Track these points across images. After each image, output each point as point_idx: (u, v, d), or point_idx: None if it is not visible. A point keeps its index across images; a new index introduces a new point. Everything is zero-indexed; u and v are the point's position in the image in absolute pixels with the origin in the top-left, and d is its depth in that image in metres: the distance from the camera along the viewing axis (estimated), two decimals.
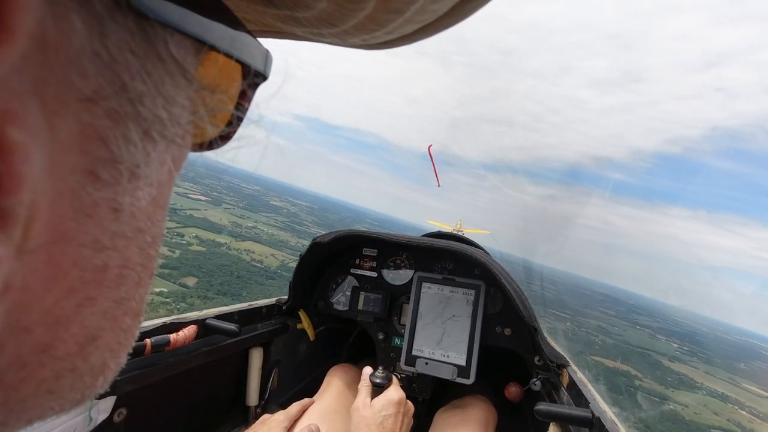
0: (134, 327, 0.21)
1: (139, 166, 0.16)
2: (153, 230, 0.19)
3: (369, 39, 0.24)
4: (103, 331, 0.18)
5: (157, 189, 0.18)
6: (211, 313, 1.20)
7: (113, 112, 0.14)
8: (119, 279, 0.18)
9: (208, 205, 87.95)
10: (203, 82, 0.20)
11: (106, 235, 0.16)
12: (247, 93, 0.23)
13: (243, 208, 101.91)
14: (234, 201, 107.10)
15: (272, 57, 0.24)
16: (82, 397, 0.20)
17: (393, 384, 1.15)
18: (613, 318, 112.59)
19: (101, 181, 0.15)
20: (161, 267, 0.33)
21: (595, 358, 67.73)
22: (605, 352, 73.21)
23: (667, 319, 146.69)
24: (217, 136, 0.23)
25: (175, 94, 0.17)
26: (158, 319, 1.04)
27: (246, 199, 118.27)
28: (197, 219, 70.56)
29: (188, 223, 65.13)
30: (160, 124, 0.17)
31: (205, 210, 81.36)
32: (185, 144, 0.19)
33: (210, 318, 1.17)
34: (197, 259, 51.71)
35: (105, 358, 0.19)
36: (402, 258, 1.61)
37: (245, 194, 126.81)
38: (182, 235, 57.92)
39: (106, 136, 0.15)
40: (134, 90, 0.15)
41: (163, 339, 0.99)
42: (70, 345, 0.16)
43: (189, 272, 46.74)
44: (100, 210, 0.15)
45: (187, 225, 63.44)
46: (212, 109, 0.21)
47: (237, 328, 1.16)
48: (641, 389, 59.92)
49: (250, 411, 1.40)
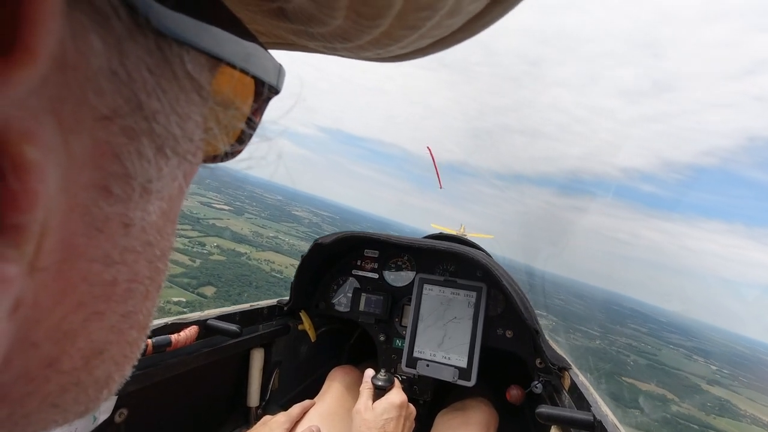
0: (140, 340, 0.21)
1: (151, 182, 0.16)
2: (162, 244, 0.19)
3: (382, 53, 0.24)
4: (109, 344, 0.18)
5: (167, 203, 0.18)
6: (212, 313, 1.22)
7: (129, 130, 0.15)
8: (127, 293, 0.18)
9: (231, 215, 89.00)
10: (217, 97, 0.20)
11: (117, 250, 0.16)
12: (259, 107, 0.24)
13: (265, 218, 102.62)
14: (256, 210, 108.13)
15: (285, 71, 0.24)
16: (86, 410, 0.19)
17: (395, 387, 1.14)
18: (644, 336, 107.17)
19: (114, 197, 0.15)
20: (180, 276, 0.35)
21: (628, 379, 64.08)
22: (638, 374, 69.23)
23: (702, 339, 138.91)
24: (228, 150, 0.23)
25: (189, 111, 0.17)
26: (160, 319, 1.05)
27: (268, 208, 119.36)
28: (219, 228, 71.21)
29: (210, 232, 65.74)
30: (174, 140, 0.17)
31: (227, 219, 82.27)
32: (197, 159, 0.20)
33: (211, 319, 1.18)
34: (217, 268, 51.82)
35: (110, 371, 0.19)
36: (403, 259, 1.61)
37: (267, 204, 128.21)
38: (203, 245, 58.42)
39: (120, 153, 0.15)
40: (150, 108, 0.15)
41: (165, 339, 1.00)
42: (76, 359, 0.16)
43: (208, 282, 46.84)
44: (111, 225, 0.15)
45: (209, 234, 64.06)
46: (225, 126, 0.21)
47: (238, 329, 1.17)
48: (679, 415, 55.96)
49: (251, 412, 1.41)
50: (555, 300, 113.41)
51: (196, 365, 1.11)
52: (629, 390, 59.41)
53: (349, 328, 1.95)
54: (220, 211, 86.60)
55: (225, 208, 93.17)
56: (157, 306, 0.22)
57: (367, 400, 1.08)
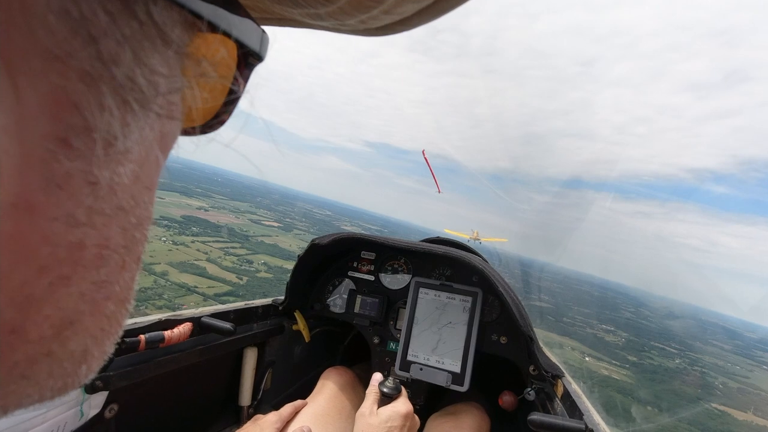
0: (119, 314, 0.20)
1: (116, 137, 0.15)
2: (138, 211, 0.18)
3: (367, 20, 0.23)
4: (81, 315, 0.17)
5: (141, 167, 0.17)
6: (206, 311, 1.23)
7: (86, 75, 0.14)
8: (98, 260, 0.17)
9: (280, 231, 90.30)
10: (195, 58, 0.19)
11: (81, 209, 0.15)
12: (243, 75, 0.22)
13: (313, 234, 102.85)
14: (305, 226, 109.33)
15: (269, 38, 0.23)
16: (64, 386, 0.18)
17: (402, 396, 1.15)
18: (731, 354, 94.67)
19: (74, 151, 0.14)
20: (227, 294, 0.34)
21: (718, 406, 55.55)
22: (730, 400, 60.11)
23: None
24: (211, 118, 0.23)
25: (156, 63, 0.16)
26: (153, 315, 1.06)
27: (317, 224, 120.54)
28: (267, 245, 72.00)
29: (258, 250, 66.51)
30: (139, 92, 0.16)
31: (276, 236, 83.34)
32: (171, 118, 0.18)
33: (205, 316, 1.19)
34: (263, 286, 51.81)
35: (86, 344, 0.18)
36: (400, 262, 1.61)
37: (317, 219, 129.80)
38: (251, 262, 59.02)
39: (79, 102, 0.14)
40: (108, 52, 0.14)
41: (158, 336, 0.99)
42: (44, 328, 0.15)
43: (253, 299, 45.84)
44: (73, 182, 0.14)
45: (257, 252, 64.55)
46: (207, 91, 0.20)
47: (232, 327, 1.17)
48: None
49: (242, 411, 1.43)
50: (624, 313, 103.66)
51: (188, 362, 1.12)
52: (721, 420, 51.39)
53: (344, 329, 1.95)
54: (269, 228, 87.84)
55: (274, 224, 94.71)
56: (137, 281, 0.20)
57: (372, 404, 1.07)
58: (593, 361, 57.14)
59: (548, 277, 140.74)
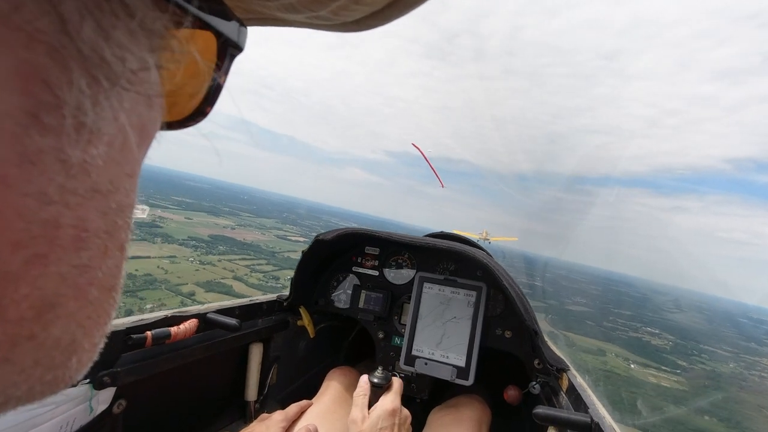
0: (106, 303, 0.19)
1: (86, 114, 0.15)
2: (118, 197, 0.18)
3: (338, 11, 0.23)
4: (63, 298, 0.17)
5: (116, 151, 0.17)
6: (212, 307, 1.25)
7: (53, 51, 0.14)
8: (77, 242, 0.16)
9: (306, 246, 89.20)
10: (167, 38, 0.18)
11: (53, 187, 0.15)
12: (223, 66, 0.22)
13: None
14: None
15: (246, 30, 0.23)
16: (54, 379, 0.18)
17: (391, 391, 1.14)
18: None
19: (45, 128, 0.14)
20: None
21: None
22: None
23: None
24: (194, 110, 0.22)
25: (123, 37, 0.16)
26: (159, 311, 1.08)
27: None
28: (294, 261, 70.81)
29: (284, 265, 66.22)
30: (108, 68, 0.15)
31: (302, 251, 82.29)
32: (146, 99, 0.18)
33: (211, 312, 1.20)
34: None
35: (73, 332, 0.18)
36: (404, 257, 1.62)
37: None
38: (277, 278, 58.17)
39: (47, 77, 0.14)
40: (73, 25, 0.14)
41: (164, 332, 1.01)
42: (23, 308, 0.15)
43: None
44: (45, 159, 0.14)
45: (283, 268, 64.10)
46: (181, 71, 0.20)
47: (237, 323, 1.19)
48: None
49: (248, 406, 1.45)
50: (667, 314, 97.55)
51: (194, 358, 1.14)
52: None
53: (349, 324, 1.96)
54: (295, 243, 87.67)
55: (300, 239, 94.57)
56: (124, 270, 0.20)
57: (362, 409, 1.08)
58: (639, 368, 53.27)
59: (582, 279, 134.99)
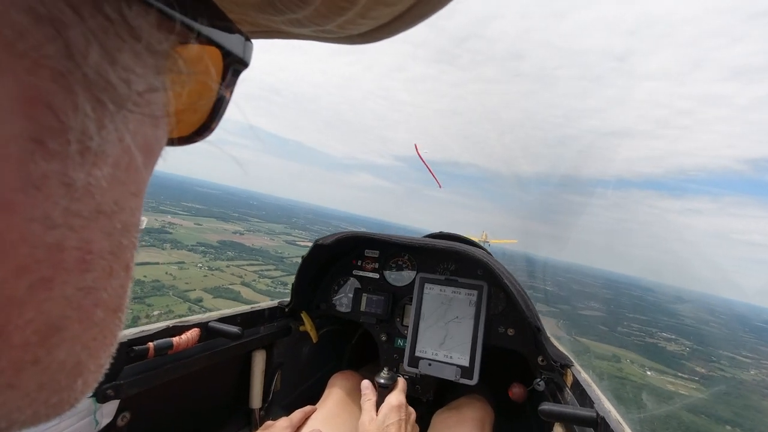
0: (112, 324, 0.19)
1: (92, 138, 0.15)
2: (123, 217, 0.18)
3: (345, 25, 0.22)
4: (68, 320, 0.16)
5: (121, 171, 0.17)
6: (213, 315, 1.25)
7: (57, 74, 0.14)
8: (82, 264, 0.16)
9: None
10: (172, 57, 0.18)
11: (57, 211, 0.15)
12: (228, 82, 0.22)
13: None
14: None
15: (252, 45, 0.23)
16: (60, 402, 0.18)
17: (396, 389, 1.17)
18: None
19: (50, 152, 0.14)
20: None
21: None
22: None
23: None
24: (200, 126, 0.22)
25: (129, 60, 0.16)
26: (161, 322, 1.07)
27: None
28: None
29: (292, 271, 64.94)
30: (114, 91, 0.15)
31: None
32: (152, 121, 0.18)
33: (213, 321, 1.20)
34: None
35: (78, 354, 0.18)
36: (404, 259, 1.62)
37: None
38: (285, 284, 57.62)
39: (52, 102, 0.14)
40: (78, 50, 0.14)
41: (166, 342, 1.01)
42: (28, 333, 0.15)
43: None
44: (49, 183, 0.14)
45: (291, 273, 63.35)
46: (187, 91, 0.20)
47: (240, 331, 1.19)
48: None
49: (253, 414, 1.45)
50: (683, 319, 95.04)
51: (198, 368, 1.13)
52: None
53: (351, 328, 1.95)
54: (304, 248, 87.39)
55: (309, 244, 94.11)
56: (129, 290, 0.20)
57: (370, 411, 1.10)
58: (656, 375, 51.66)
59: (595, 282, 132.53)
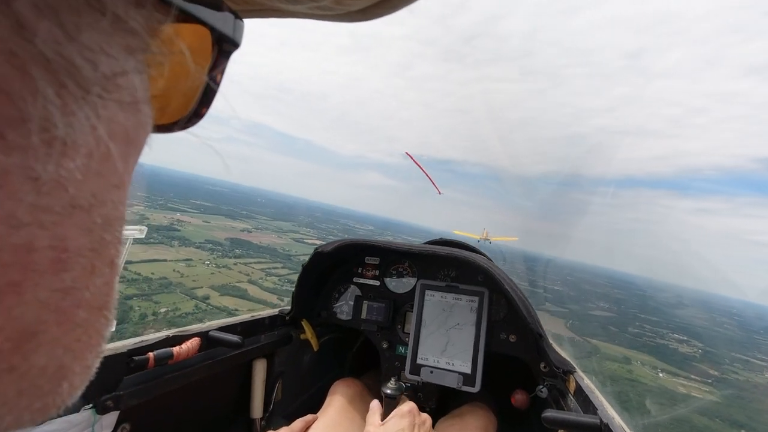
0: (97, 323, 0.18)
1: (56, 126, 0.13)
2: (103, 211, 0.16)
3: (343, 0, 0.22)
4: (44, 324, 0.15)
5: (97, 162, 0.15)
6: (214, 325, 1.24)
7: (11, 56, 0.12)
8: (57, 264, 0.15)
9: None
10: (149, 36, 0.16)
11: (22, 208, 0.13)
12: (217, 61, 0.21)
13: None
14: None
15: (243, 23, 0.21)
16: (44, 406, 0.17)
17: (405, 397, 1.15)
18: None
19: (10, 145, 0.12)
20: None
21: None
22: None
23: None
24: (189, 112, 0.21)
25: (97, 41, 0.14)
26: (161, 332, 1.07)
27: None
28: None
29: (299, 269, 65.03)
30: (79, 75, 0.14)
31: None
32: (129, 105, 0.16)
33: (213, 330, 1.19)
34: None
35: (60, 358, 0.16)
36: (404, 266, 1.61)
37: (359, 235, 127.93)
38: (292, 282, 57.12)
39: (9, 90, 0.12)
40: (31, 28, 0.12)
41: (167, 352, 0.99)
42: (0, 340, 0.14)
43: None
44: (12, 179, 0.13)
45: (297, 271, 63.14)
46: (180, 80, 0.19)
47: (240, 340, 1.19)
48: None
49: (254, 423, 1.44)
50: (695, 320, 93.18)
51: (198, 377, 1.12)
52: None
53: (352, 336, 1.94)
54: (311, 246, 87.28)
55: (317, 242, 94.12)
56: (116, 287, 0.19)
57: (377, 419, 1.08)
58: (668, 377, 50.57)
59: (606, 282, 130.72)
